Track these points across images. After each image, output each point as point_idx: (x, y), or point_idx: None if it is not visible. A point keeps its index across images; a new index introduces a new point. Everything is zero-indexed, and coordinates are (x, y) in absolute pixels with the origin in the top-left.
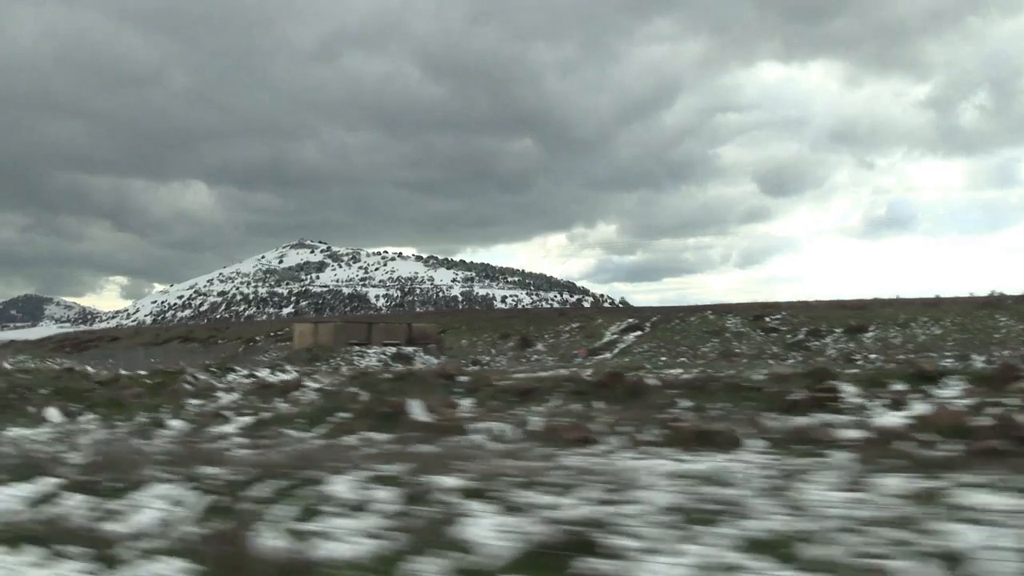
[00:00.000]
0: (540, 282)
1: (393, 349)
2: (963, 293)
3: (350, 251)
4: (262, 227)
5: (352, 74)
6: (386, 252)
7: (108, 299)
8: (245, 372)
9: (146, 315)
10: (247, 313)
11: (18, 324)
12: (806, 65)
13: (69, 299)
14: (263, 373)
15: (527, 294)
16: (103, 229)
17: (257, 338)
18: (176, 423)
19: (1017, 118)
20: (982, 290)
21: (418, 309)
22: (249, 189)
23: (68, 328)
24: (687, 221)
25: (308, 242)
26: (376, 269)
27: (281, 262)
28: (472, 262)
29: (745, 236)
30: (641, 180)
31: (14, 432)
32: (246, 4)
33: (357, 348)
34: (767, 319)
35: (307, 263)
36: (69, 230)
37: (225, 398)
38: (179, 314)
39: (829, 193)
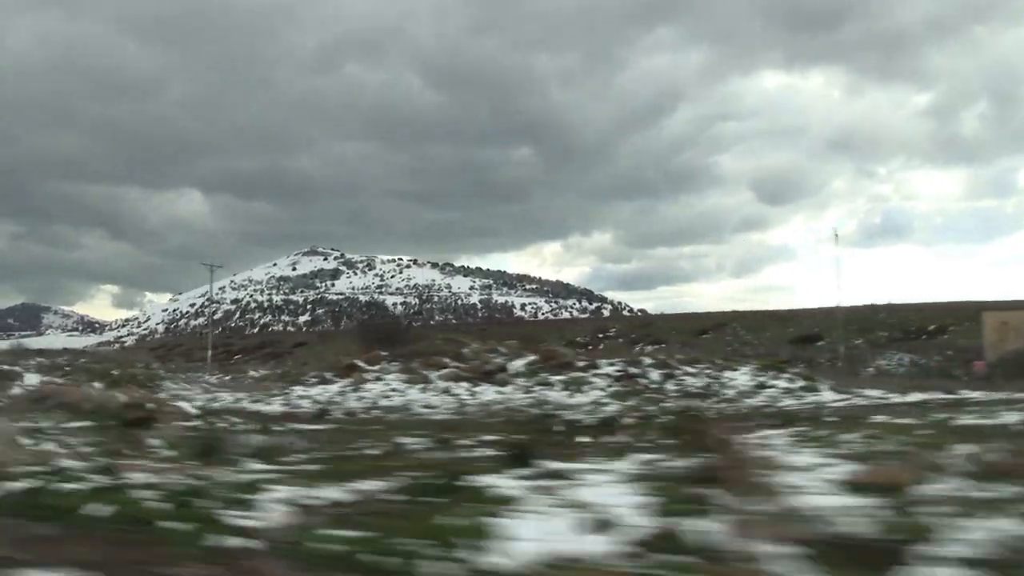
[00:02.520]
0: (558, 290)
1: None
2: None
3: (364, 258)
4: (257, 236)
5: (351, 83)
6: (401, 259)
7: (99, 308)
8: None
9: (157, 323)
10: (262, 321)
11: (23, 332)
12: (807, 74)
13: (66, 308)
14: None
15: (546, 302)
16: (97, 238)
17: (580, 339)
18: None
19: (1018, 127)
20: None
21: (437, 317)
22: (245, 198)
23: (76, 335)
24: (683, 230)
25: (320, 249)
26: (392, 276)
27: (294, 269)
28: (489, 269)
29: (740, 245)
30: (639, 189)
31: None
32: (247, 13)
33: None
34: None
35: (321, 270)
36: (62, 239)
37: None
38: (192, 322)
39: (826, 202)
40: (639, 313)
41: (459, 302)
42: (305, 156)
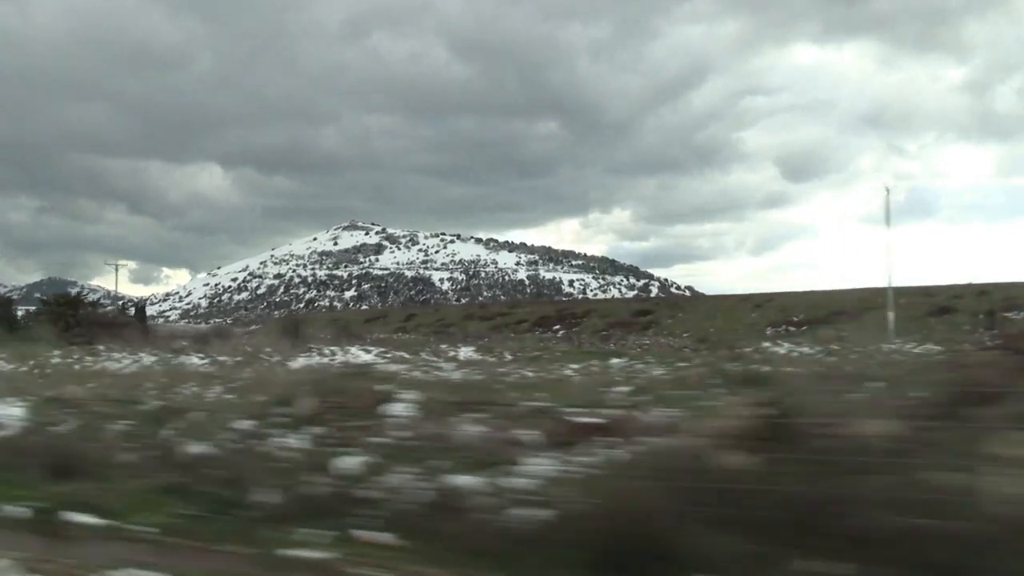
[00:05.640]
0: (605, 266)
1: None
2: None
3: (407, 233)
4: (278, 211)
5: (378, 55)
6: (444, 234)
7: (118, 283)
8: None
9: (200, 298)
10: (308, 296)
11: None
12: (842, 46)
13: (91, 283)
14: None
15: (593, 278)
16: (117, 212)
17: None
18: None
19: None
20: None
21: (485, 293)
22: (267, 173)
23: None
24: (704, 207)
25: (361, 224)
26: (436, 252)
27: (336, 244)
28: (533, 245)
29: (761, 222)
30: (661, 165)
31: None
32: None
33: None
34: None
35: (364, 245)
36: (83, 213)
37: None
38: (235, 297)
39: (851, 179)
40: (685, 291)
41: (506, 278)
42: (329, 130)
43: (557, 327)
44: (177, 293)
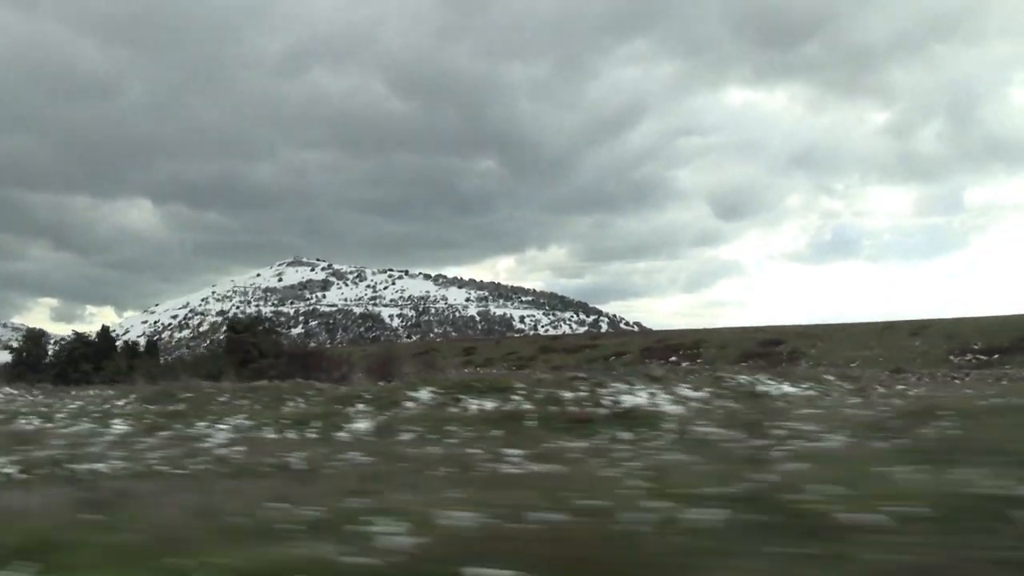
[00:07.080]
0: (554, 302)
1: None
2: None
3: (354, 269)
4: (210, 248)
5: (316, 89)
6: (392, 270)
7: (38, 321)
8: None
9: (138, 336)
10: None
11: None
12: (773, 89)
13: (15, 320)
14: None
15: (544, 314)
16: (40, 248)
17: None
18: None
19: (971, 146)
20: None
21: (436, 330)
22: (200, 208)
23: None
24: (639, 244)
25: (305, 259)
26: (384, 288)
27: (280, 280)
28: (482, 281)
29: (694, 260)
30: (598, 203)
31: None
32: (213, 14)
33: None
34: None
35: (309, 281)
36: (4, 248)
37: None
38: (176, 335)
39: (780, 218)
40: (634, 327)
41: (456, 314)
42: (264, 164)
43: (674, 359)
44: (114, 331)
